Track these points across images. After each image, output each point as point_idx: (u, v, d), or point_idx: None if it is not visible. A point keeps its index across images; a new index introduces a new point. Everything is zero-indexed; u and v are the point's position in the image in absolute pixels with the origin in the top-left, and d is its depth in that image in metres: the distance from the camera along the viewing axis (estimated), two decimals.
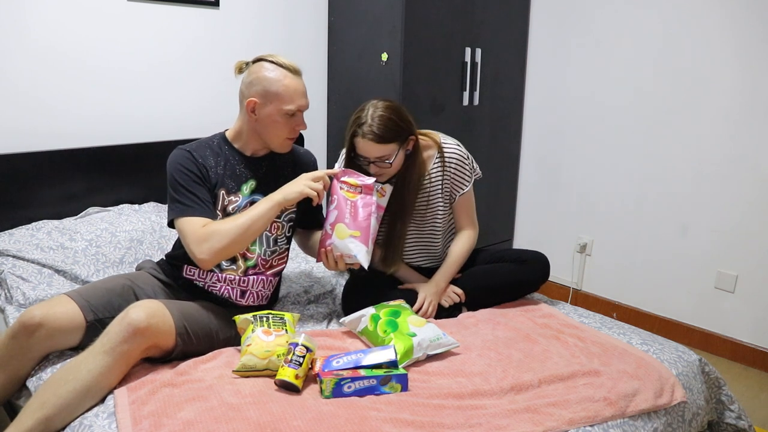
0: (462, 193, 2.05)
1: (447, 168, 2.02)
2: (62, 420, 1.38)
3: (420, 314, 1.89)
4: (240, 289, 1.81)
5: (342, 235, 1.73)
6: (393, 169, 1.89)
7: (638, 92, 2.95)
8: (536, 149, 3.44)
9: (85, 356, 1.45)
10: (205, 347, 1.64)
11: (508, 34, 3.24)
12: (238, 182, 1.80)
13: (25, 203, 2.28)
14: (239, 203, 1.78)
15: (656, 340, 1.84)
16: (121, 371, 1.47)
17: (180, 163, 1.75)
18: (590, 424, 1.42)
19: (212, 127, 1.86)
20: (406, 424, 1.35)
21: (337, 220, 1.75)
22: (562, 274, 3.37)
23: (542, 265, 2.05)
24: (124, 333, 1.45)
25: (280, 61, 1.75)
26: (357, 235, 1.73)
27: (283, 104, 1.72)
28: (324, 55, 3.16)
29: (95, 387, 1.42)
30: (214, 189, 1.77)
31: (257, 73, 1.74)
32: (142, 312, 1.48)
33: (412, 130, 1.90)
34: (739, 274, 2.73)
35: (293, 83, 1.73)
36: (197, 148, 1.79)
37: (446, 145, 2.02)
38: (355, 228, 1.73)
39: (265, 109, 1.74)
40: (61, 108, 2.40)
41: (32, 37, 2.29)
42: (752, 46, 2.57)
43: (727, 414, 1.80)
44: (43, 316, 1.54)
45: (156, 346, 1.53)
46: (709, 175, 2.76)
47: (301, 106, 1.75)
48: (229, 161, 1.80)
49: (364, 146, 1.83)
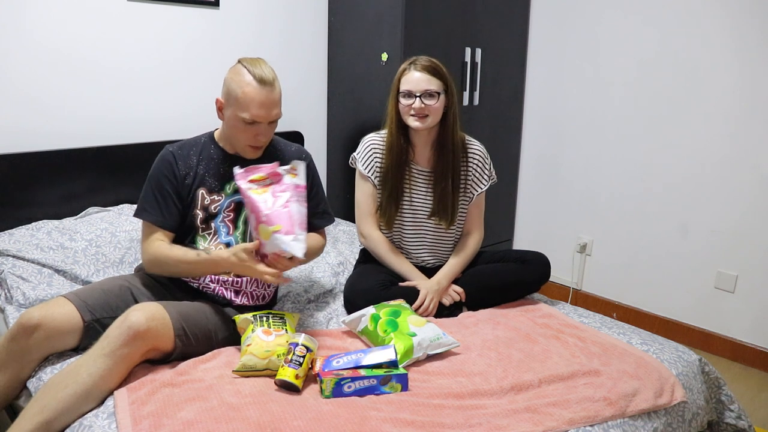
0: (478, 192, 2.10)
1: (470, 162, 2.09)
2: (62, 423, 1.38)
3: (420, 311, 1.90)
4: (233, 289, 1.81)
5: (266, 235, 1.60)
6: (435, 112, 1.95)
7: (638, 92, 2.95)
8: (536, 149, 3.44)
9: (85, 359, 1.45)
10: (204, 348, 1.64)
11: (508, 34, 3.24)
12: (221, 181, 1.80)
13: (25, 203, 2.28)
14: (222, 203, 1.80)
15: (656, 340, 1.84)
16: (120, 374, 1.46)
17: (159, 167, 1.79)
18: (590, 424, 1.42)
19: (212, 127, 1.87)
20: (406, 424, 1.35)
21: (257, 222, 1.62)
22: (562, 274, 3.37)
23: (543, 266, 2.05)
24: (124, 336, 1.45)
25: (252, 67, 1.70)
26: (279, 229, 1.60)
27: (239, 110, 1.70)
28: (324, 55, 3.17)
29: (95, 390, 1.42)
30: (191, 190, 1.79)
31: (230, 74, 1.74)
32: (141, 315, 1.48)
33: (454, 87, 2.00)
34: (739, 274, 2.73)
35: (254, 92, 1.67)
36: (182, 147, 1.82)
37: (470, 141, 2.11)
38: (275, 222, 1.60)
39: (226, 111, 1.75)
40: (61, 108, 2.40)
41: (32, 37, 2.29)
42: (752, 46, 2.57)
43: (727, 414, 1.80)
44: (41, 317, 1.54)
45: (156, 348, 1.53)
46: (709, 175, 2.76)
47: (256, 116, 1.69)
48: (213, 160, 1.81)
49: (414, 78, 1.94)
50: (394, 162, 2.03)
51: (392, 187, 2.04)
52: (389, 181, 2.04)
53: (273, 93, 1.71)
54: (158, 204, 1.76)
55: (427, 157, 2.07)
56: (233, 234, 1.81)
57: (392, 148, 2.02)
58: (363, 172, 2.06)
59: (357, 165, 2.09)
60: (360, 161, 2.07)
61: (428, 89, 1.93)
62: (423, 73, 1.94)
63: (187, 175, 1.79)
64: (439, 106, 1.96)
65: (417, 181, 2.07)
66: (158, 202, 1.76)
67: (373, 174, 2.06)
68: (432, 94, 1.93)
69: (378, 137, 2.08)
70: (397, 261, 2.07)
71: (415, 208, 2.08)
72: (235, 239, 1.81)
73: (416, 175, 2.07)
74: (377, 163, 2.06)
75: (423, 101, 1.93)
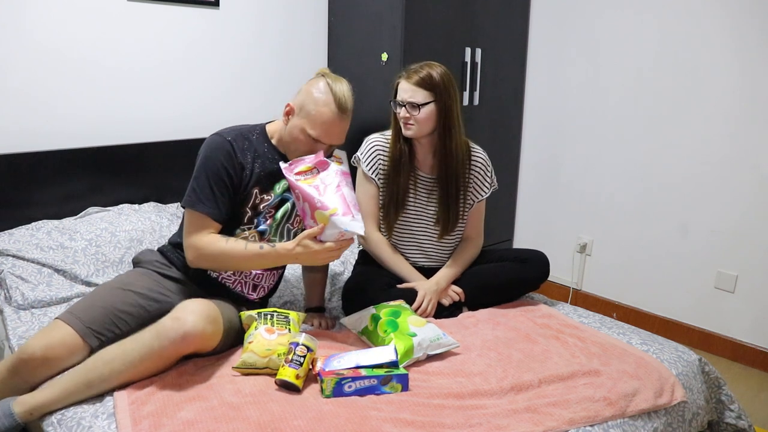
0: (479, 200, 2.11)
1: (472, 169, 2.09)
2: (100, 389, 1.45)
3: (419, 312, 1.90)
4: (252, 283, 1.81)
5: (324, 219, 1.63)
6: (421, 123, 1.94)
7: (638, 92, 2.95)
8: (536, 149, 3.44)
9: (131, 348, 1.47)
10: (232, 345, 1.65)
11: (508, 34, 3.24)
12: (272, 181, 1.77)
13: (25, 203, 2.28)
14: (271, 201, 1.77)
15: (656, 340, 1.84)
16: (159, 369, 1.50)
17: (217, 156, 1.69)
18: (590, 424, 1.42)
19: (212, 127, 1.85)
20: (407, 424, 1.35)
21: (312, 209, 1.65)
22: (562, 274, 3.37)
23: (542, 265, 2.05)
24: (179, 340, 1.45)
25: (336, 88, 1.68)
26: (336, 212, 1.63)
27: (309, 127, 1.69)
28: (324, 55, 3.17)
29: (130, 378, 1.47)
30: (246, 188, 1.73)
31: (310, 85, 1.71)
32: (199, 319, 1.47)
33: (451, 95, 1.96)
34: (739, 274, 2.73)
35: (328, 115, 1.67)
36: (237, 139, 1.73)
37: (474, 148, 2.11)
38: (331, 206, 1.63)
39: (294, 120, 1.72)
40: (61, 108, 2.40)
41: (32, 37, 2.29)
42: (752, 46, 2.57)
43: (727, 414, 1.80)
44: (42, 351, 1.50)
45: (201, 349, 1.53)
46: (709, 175, 2.76)
47: (322, 138, 1.69)
48: (267, 159, 1.76)
49: (402, 88, 1.95)
50: (397, 168, 2.02)
51: (395, 193, 2.04)
52: (392, 185, 2.04)
53: (346, 121, 1.71)
54: (214, 195, 1.67)
55: (430, 165, 2.06)
56: (269, 223, 1.79)
57: (395, 153, 2.02)
58: (366, 173, 2.06)
59: (360, 165, 2.08)
60: (363, 162, 2.07)
61: (411, 101, 1.92)
62: (410, 84, 1.93)
63: (244, 168, 1.72)
64: (425, 117, 1.94)
65: (420, 188, 2.07)
66: (214, 193, 1.67)
67: (376, 175, 2.06)
68: (414, 106, 1.92)
69: (382, 138, 2.08)
70: (397, 263, 2.06)
71: (417, 215, 2.08)
72: (270, 229, 1.78)
73: (420, 181, 2.06)
74: (381, 166, 2.05)
75: (408, 111, 1.93)
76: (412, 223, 2.09)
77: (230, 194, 1.71)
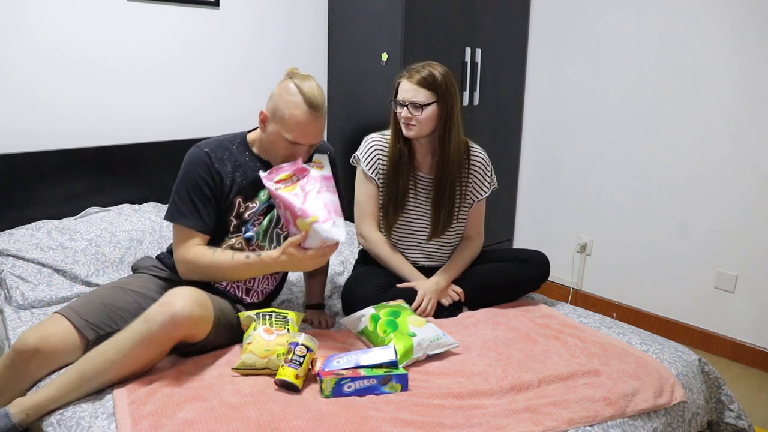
0: (479, 199, 2.10)
1: (471, 167, 2.08)
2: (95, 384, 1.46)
3: (419, 312, 1.90)
4: (245, 287, 1.81)
5: (306, 227, 1.61)
6: (422, 123, 1.93)
7: (638, 92, 2.95)
8: (536, 149, 3.44)
9: (122, 338, 1.47)
10: (225, 340, 1.65)
11: (508, 34, 3.24)
12: (256, 189, 1.76)
13: (25, 203, 2.28)
14: (256, 209, 1.77)
15: (656, 340, 1.84)
16: (152, 358, 1.50)
17: (195, 168, 1.70)
18: (590, 424, 1.42)
19: (212, 127, 1.86)
20: (406, 424, 1.35)
21: (294, 217, 1.63)
22: (562, 274, 3.37)
23: (542, 264, 2.05)
24: (167, 324, 1.45)
25: (305, 88, 1.66)
26: (316, 219, 1.61)
27: (284, 131, 1.67)
28: (324, 55, 3.17)
29: (122, 370, 1.47)
30: (228, 197, 1.74)
31: (279, 89, 1.70)
32: (186, 303, 1.47)
33: (453, 96, 1.96)
34: (739, 274, 2.73)
35: (302, 117, 1.65)
36: (216, 150, 1.74)
37: (473, 147, 2.11)
38: (312, 214, 1.61)
39: (270, 127, 1.71)
40: (61, 108, 2.40)
41: (32, 37, 2.29)
42: (752, 46, 2.57)
43: (727, 414, 1.80)
44: (38, 341, 1.51)
45: (192, 335, 1.52)
46: (709, 175, 2.76)
47: (300, 139, 1.68)
48: (249, 168, 1.76)
49: (404, 88, 1.94)
50: (396, 169, 2.02)
51: (395, 193, 2.03)
52: (391, 186, 2.04)
53: (321, 119, 1.69)
54: (196, 207, 1.69)
55: (429, 165, 2.06)
56: (256, 230, 1.79)
57: (394, 154, 2.02)
58: (366, 172, 2.06)
59: (360, 165, 2.08)
60: (363, 161, 2.07)
61: (414, 101, 1.92)
62: (412, 83, 1.92)
63: (224, 178, 1.72)
64: (427, 118, 1.93)
65: (420, 188, 2.07)
66: (196, 205, 1.69)
67: (376, 175, 2.06)
68: (417, 106, 1.92)
69: (381, 138, 2.08)
70: (397, 262, 2.06)
71: (416, 215, 2.08)
72: (257, 235, 1.79)
73: (420, 182, 2.06)
74: (381, 165, 2.05)
75: (410, 111, 1.93)
76: (412, 223, 2.09)
77: (213, 204, 1.72)
